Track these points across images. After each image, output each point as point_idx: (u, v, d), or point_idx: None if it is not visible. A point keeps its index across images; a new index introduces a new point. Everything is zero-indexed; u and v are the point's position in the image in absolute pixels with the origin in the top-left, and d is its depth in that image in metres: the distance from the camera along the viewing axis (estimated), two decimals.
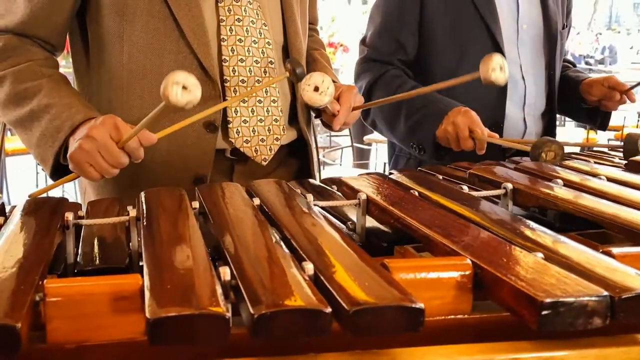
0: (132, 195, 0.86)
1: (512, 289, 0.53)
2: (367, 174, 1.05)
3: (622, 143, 1.20)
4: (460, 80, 1.07)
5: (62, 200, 0.81)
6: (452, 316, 0.58)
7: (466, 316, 0.58)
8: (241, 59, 1.09)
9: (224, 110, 1.08)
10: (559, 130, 1.68)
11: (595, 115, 1.58)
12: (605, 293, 0.51)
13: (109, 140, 0.89)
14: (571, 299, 0.50)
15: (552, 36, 1.52)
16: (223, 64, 1.08)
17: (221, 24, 1.08)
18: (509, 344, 0.52)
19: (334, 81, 1.24)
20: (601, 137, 4.61)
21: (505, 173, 0.98)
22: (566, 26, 1.61)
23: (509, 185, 0.88)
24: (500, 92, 1.44)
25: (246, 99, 1.10)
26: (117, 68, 1.07)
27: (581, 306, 0.50)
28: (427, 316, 0.49)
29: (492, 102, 1.45)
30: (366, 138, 4.19)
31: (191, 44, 1.04)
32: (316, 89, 1.02)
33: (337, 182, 1.09)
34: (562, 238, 0.66)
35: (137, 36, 1.05)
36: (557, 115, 1.66)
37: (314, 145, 1.26)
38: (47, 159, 0.99)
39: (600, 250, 0.62)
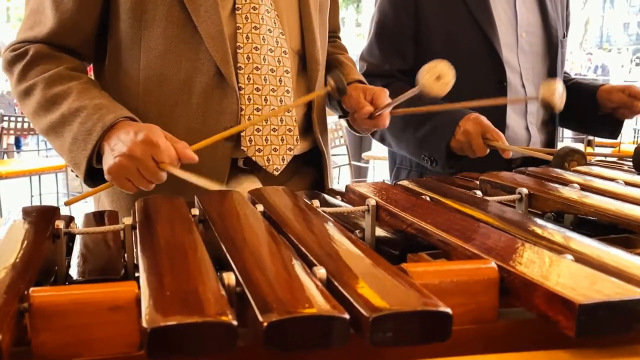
0: None
1: (545, 293, 0.48)
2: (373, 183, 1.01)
3: (633, 154, 1.17)
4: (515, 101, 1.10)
5: (54, 210, 0.76)
6: (477, 324, 0.53)
7: (492, 324, 0.53)
8: (256, 67, 1.07)
9: (238, 118, 1.06)
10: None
11: (606, 124, 1.54)
12: None
13: (149, 160, 0.87)
14: (611, 302, 0.45)
15: (552, 44, 1.49)
16: (238, 71, 1.05)
17: (238, 31, 1.06)
18: (545, 353, 0.47)
19: (362, 82, 1.23)
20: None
21: (518, 178, 0.94)
22: (566, 36, 1.59)
23: (524, 190, 0.84)
24: None
25: (260, 107, 1.07)
26: (134, 74, 1.05)
27: (622, 309, 0.46)
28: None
29: (492, 111, 1.42)
30: (364, 155, 4.16)
31: (210, 50, 1.02)
32: (438, 77, 0.98)
33: (342, 192, 1.05)
34: (589, 240, 0.62)
35: (155, 42, 1.03)
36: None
37: (329, 156, 1.24)
38: (80, 163, 0.96)
39: (634, 253, 0.58)
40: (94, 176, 0.97)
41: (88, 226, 0.83)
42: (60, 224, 0.67)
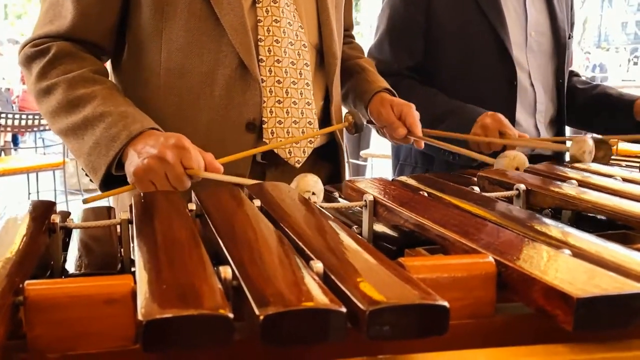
0: None
1: (543, 287, 0.48)
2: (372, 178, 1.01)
3: None
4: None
5: (51, 204, 0.76)
6: (475, 319, 0.53)
7: (489, 319, 0.53)
8: (277, 59, 1.07)
9: (260, 110, 1.06)
10: None
11: (630, 131, 1.57)
12: None
13: (179, 166, 0.86)
14: (610, 296, 0.45)
15: (560, 44, 1.50)
16: (260, 64, 1.06)
17: (259, 24, 1.06)
18: (543, 347, 0.47)
19: (390, 91, 1.26)
20: None
21: (516, 174, 0.94)
22: (571, 37, 1.59)
23: (522, 186, 0.84)
24: (509, 100, 1.43)
25: (281, 99, 1.08)
26: (155, 67, 1.05)
27: (620, 303, 0.45)
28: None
29: (501, 110, 1.42)
30: (362, 153, 4.15)
31: (233, 42, 1.02)
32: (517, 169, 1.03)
33: (340, 188, 1.05)
34: (587, 235, 0.62)
35: (176, 34, 1.03)
36: None
37: (345, 149, 1.26)
38: (98, 168, 0.95)
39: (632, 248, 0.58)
40: (109, 183, 0.96)
41: (85, 221, 0.82)
42: (56, 218, 0.66)
